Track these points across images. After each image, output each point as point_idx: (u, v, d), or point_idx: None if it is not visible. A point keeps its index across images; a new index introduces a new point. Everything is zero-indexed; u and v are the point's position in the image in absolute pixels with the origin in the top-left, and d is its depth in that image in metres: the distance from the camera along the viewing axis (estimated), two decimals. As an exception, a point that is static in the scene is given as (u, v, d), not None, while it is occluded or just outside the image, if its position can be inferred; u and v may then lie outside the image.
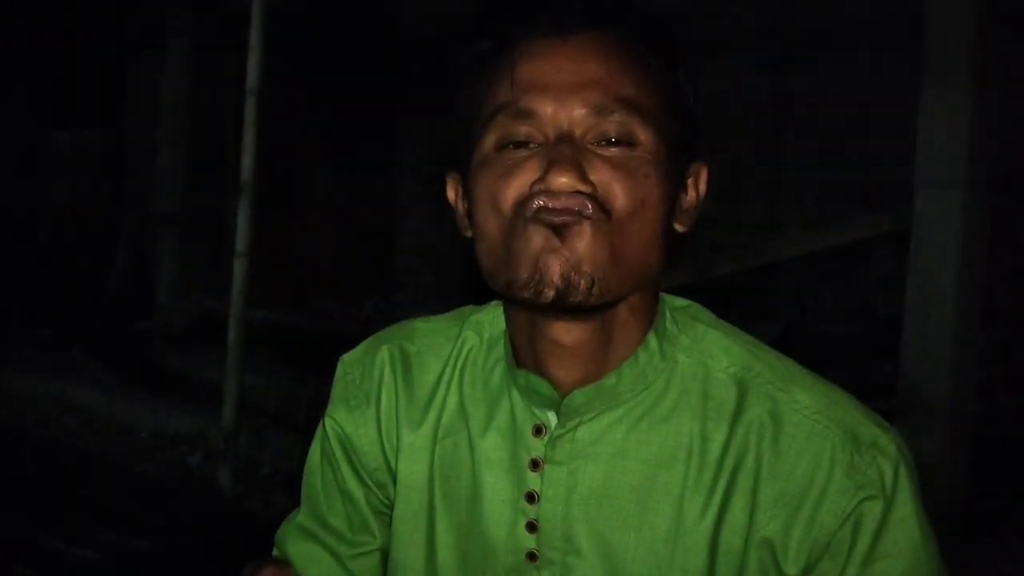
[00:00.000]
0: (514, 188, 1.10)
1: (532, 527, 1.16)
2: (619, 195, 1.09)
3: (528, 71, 1.12)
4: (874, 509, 1.10)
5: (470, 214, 1.17)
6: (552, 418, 1.18)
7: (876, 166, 5.56)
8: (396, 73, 7.72)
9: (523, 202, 1.09)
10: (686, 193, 1.20)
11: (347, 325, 6.73)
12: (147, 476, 5.31)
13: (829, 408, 1.14)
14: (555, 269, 1.08)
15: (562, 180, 1.07)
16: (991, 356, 4.41)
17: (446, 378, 1.26)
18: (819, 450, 1.12)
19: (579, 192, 1.08)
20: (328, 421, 1.30)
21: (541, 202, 1.08)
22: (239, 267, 4.86)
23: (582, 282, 1.08)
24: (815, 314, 5.51)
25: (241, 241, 4.85)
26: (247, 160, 4.83)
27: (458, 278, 7.34)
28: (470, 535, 1.19)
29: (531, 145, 1.11)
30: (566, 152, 1.09)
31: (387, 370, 1.29)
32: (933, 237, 4.28)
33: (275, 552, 1.34)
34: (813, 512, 1.11)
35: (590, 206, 1.08)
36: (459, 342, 1.27)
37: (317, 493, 1.31)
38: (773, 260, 5.49)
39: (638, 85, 1.13)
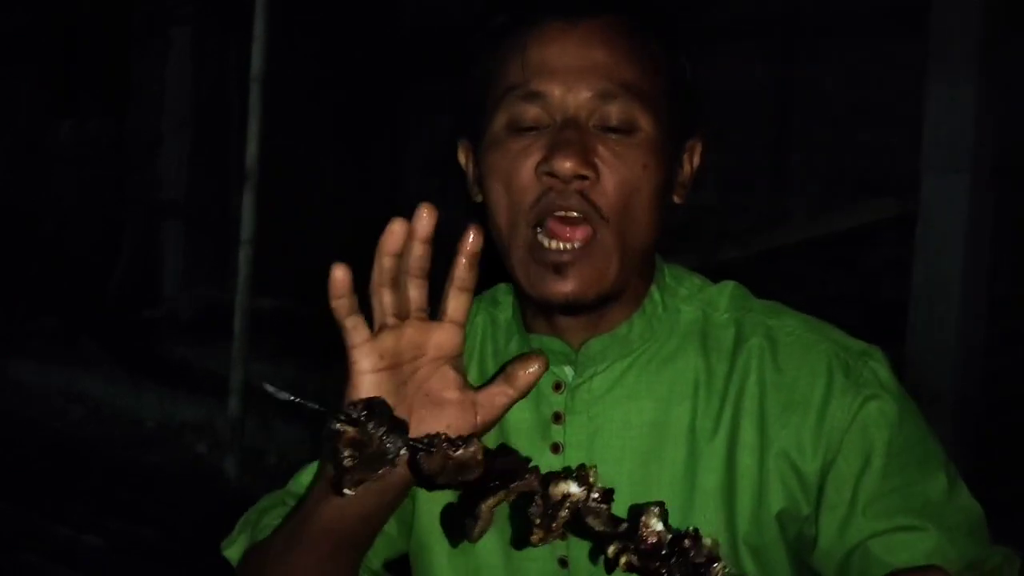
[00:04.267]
0: (523, 172, 1.18)
1: None
2: (615, 188, 1.17)
3: (538, 54, 1.19)
4: (882, 407, 1.20)
5: (480, 182, 1.25)
6: (569, 372, 1.26)
7: (882, 153, 5.55)
8: (401, 60, 7.71)
9: (529, 194, 1.18)
10: (683, 168, 1.28)
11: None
12: (154, 465, 5.32)
13: (817, 329, 1.26)
14: (561, 297, 1.18)
15: (567, 165, 1.15)
16: (997, 343, 4.40)
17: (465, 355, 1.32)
18: (816, 361, 1.22)
19: (580, 177, 1.15)
20: None
21: (547, 227, 1.16)
22: (244, 256, 4.87)
23: (589, 299, 1.19)
24: (820, 300, 5.50)
25: (246, 230, 4.86)
26: (251, 149, 4.83)
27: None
28: None
29: (539, 129, 1.18)
30: (571, 136, 1.16)
31: None
32: (939, 223, 4.28)
33: (282, 494, 1.37)
34: (820, 414, 1.19)
35: (591, 219, 1.16)
36: (475, 321, 1.35)
37: None
38: (778, 246, 5.48)
39: (641, 70, 1.20)
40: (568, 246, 1.16)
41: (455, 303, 1.15)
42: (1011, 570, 1.18)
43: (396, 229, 1.14)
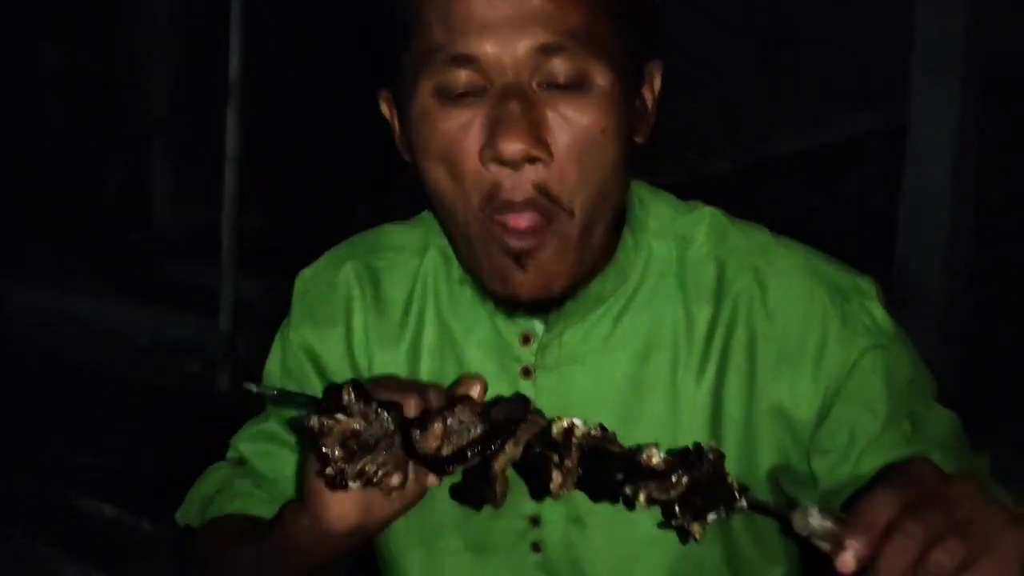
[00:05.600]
0: (467, 159, 1.04)
1: None
2: (572, 166, 1.03)
3: (463, 5, 1.02)
4: (881, 356, 1.14)
5: (410, 149, 1.11)
6: (539, 326, 1.17)
7: (872, 62, 5.52)
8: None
9: (477, 186, 1.04)
10: (644, 103, 1.13)
11: (342, 228, 6.71)
12: (147, 383, 5.34)
13: (807, 265, 1.17)
14: (524, 292, 1.07)
15: (514, 147, 1.00)
16: (985, 249, 4.42)
17: (418, 294, 1.22)
18: (808, 306, 1.14)
19: (531, 159, 1.02)
20: (294, 336, 1.30)
21: (499, 217, 1.04)
22: (230, 172, 4.85)
23: (555, 290, 1.09)
24: (810, 210, 5.51)
25: (231, 146, 4.83)
26: (234, 63, 4.79)
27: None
28: None
29: (473, 95, 1.03)
30: (514, 112, 1.01)
31: (355, 290, 1.25)
32: (928, 131, 4.26)
33: (230, 454, 1.35)
34: (815, 366, 1.13)
35: (550, 211, 1.04)
36: (426, 256, 1.24)
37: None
38: (768, 157, 5.48)
39: (590, 5, 1.02)
40: (532, 223, 1.05)
41: None
42: (986, 469, 1.18)
43: None
